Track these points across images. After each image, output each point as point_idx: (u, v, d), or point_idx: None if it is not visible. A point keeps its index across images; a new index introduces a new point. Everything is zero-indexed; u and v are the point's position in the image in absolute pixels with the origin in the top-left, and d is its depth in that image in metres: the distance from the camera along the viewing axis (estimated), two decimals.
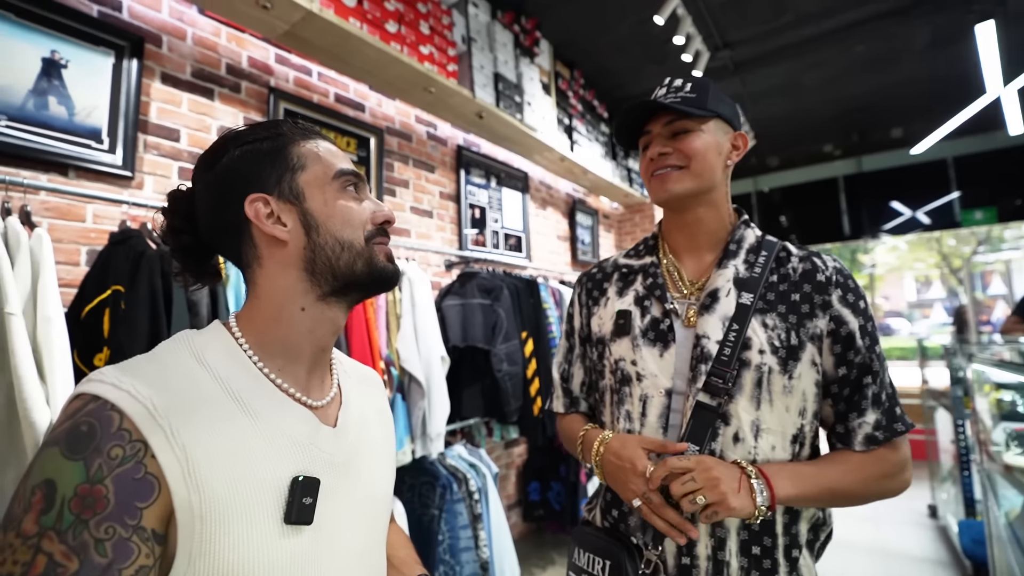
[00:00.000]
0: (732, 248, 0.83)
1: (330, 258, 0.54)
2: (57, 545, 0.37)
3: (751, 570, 0.73)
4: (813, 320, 0.76)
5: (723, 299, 0.78)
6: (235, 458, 0.46)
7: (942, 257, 19.14)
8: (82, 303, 1.25)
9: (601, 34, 3.21)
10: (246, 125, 0.58)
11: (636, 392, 0.80)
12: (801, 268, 0.80)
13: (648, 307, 0.83)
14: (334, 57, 1.98)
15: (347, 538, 0.54)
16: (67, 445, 0.40)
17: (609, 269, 0.94)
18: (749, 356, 0.74)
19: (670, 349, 0.79)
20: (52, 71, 1.40)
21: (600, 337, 0.88)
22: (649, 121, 0.84)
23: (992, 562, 1.83)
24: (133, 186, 1.55)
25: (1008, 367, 1.92)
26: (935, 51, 3.58)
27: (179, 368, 0.48)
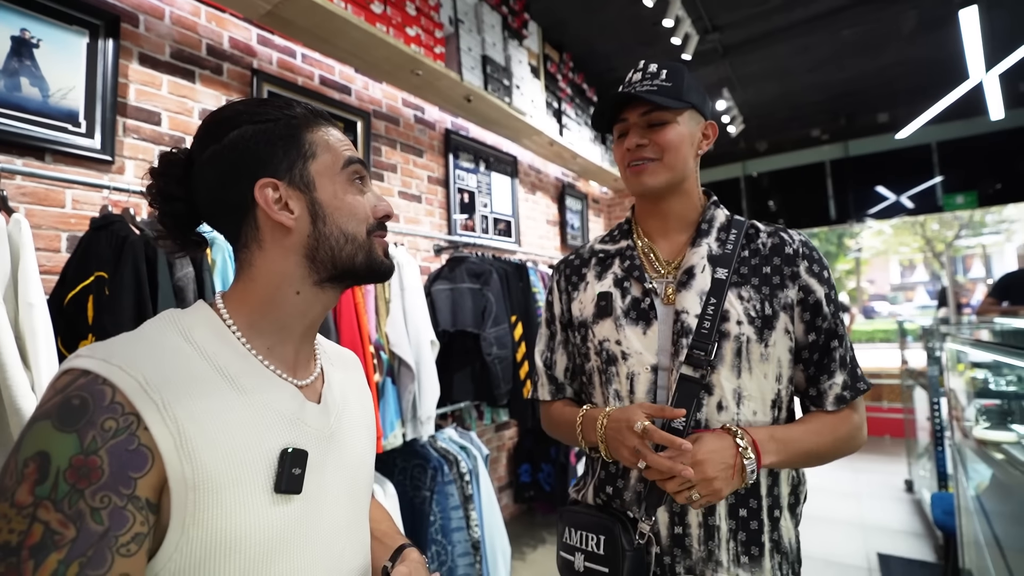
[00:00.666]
0: (704, 228, 0.86)
1: (333, 248, 0.55)
2: (53, 514, 0.38)
3: (739, 531, 0.77)
4: (784, 290, 0.81)
5: (699, 275, 0.81)
6: (226, 430, 0.47)
7: (925, 241, 19.47)
8: (64, 290, 1.23)
9: (590, 16, 3.18)
10: (256, 99, 0.58)
11: (623, 370, 0.82)
12: (770, 243, 0.84)
13: (628, 288, 0.86)
14: (318, 38, 1.94)
15: (334, 508, 0.56)
16: (59, 418, 0.41)
17: (586, 255, 0.96)
18: (728, 327, 0.78)
19: (652, 327, 0.81)
20: (23, 50, 1.36)
21: (582, 321, 0.90)
22: (625, 109, 0.84)
23: (960, 532, 1.91)
24: (113, 171, 1.53)
25: (981, 346, 1.98)
26: (920, 36, 3.60)
27: (167, 345, 0.48)
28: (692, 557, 0.76)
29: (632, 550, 0.75)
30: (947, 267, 10.41)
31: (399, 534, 0.70)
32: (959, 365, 2.36)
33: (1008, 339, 2.08)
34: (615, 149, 0.88)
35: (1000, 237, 17.16)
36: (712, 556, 0.76)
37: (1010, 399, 1.97)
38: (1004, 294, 3.22)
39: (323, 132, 0.57)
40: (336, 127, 0.60)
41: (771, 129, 5.60)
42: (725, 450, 0.71)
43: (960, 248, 11.14)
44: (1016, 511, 1.59)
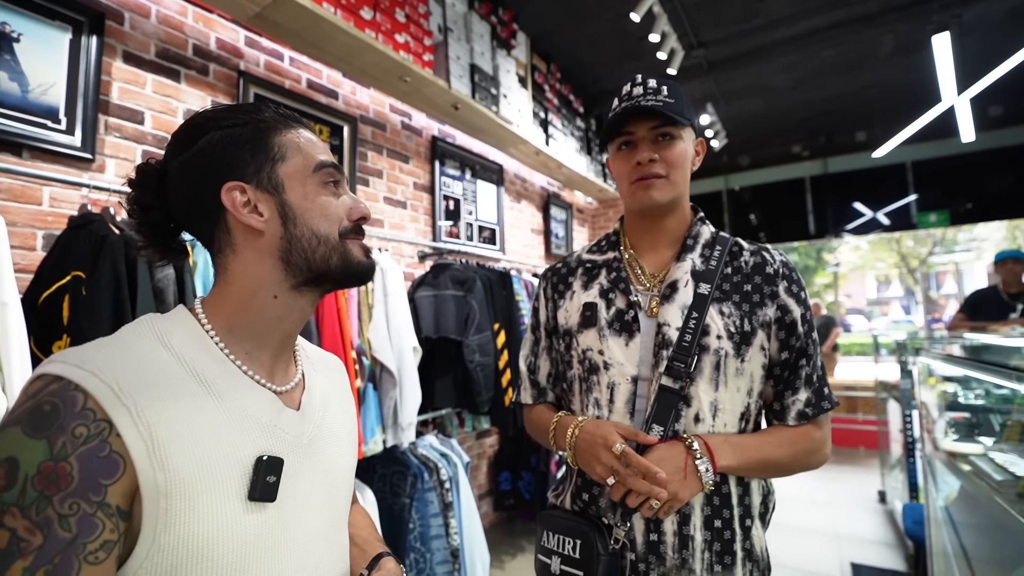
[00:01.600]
0: (689, 243, 0.88)
1: (306, 250, 0.55)
2: (20, 520, 0.38)
3: (714, 542, 0.78)
4: (763, 308, 0.83)
5: (682, 289, 0.83)
6: (200, 437, 0.46)
7: (901, 257, 20.02)
8: (39, 289, 1.21)
9: (578, 28, 3.23)
10: (225, 105, 0.57)
11: (604, 380, 0.84)
12: (752, 261, 0.86)
13: (613, 299, 0.87)
14: (307, 42, 1.94)
15: (310, 516, 0.55)
16: (29, 424, 0.40)
17: (573, 264, 0.98)
18: (708, 342, 0.80)
19: (635, 339, 0.83)
20: (2, 44, 1.33)
21: (567, 329, 0.91)
22: (631, 122, 0.84)
23: (929, 541, 1.96)
24: (94, 169, 1.50)
25: (951, 360, 2.04)
26: (897, 59, 3.72)
27: (143, 350, 0.48)
28: (666, 564, 0.78)
29: (607, 555, 0.77)
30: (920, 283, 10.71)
31: (379, 541, 0.70)
32: (930, 379, 2.43)
33: (976, 354, 2.15)
34: (617, 162, 0.88)
35: (971, 255, 17.74)
36: (686, 564, 0.77)
37: (978, 412, 2.03)
38: (973, 310, 3.33)
39: (293, 134, 0.57)
40: (308, 128, 0.60)
41: (753, 144, 5.73)
42: (675, 456, 0.74)
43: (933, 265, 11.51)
44: (982, 522, 1.64)
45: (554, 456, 2.83)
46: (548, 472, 2.81)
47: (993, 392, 2.01)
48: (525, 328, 2.51)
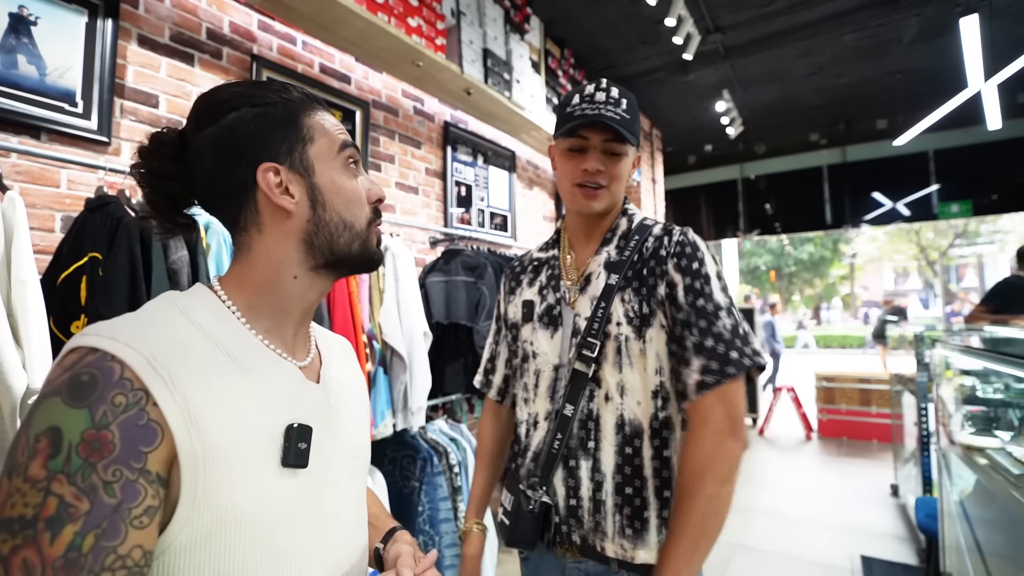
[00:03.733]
0: (608, 236, 0.95)
1: (332, 235, 0.56)
2: (67, 487, 0.38)
3: (624, 506, 0.84)
4: (657, 289, 0.87)
5: (594, 281, 0.91)
6: (232, 406, 0.47)
7: (920, 249, 19.58)
8: (58, 270, 1.23)
9: (593, 12, 3.17)
10: (252, 82, 0.58)
11: (532, 367, 0.95)
12: (652, 246, 0.90)
13: (546, 295, 0.97)
14: (319, 26, 1.93)
15: (338, 484, 0.57)
16: (69, 394, 0.41)
17: (526, 262, 1.08)
18: (610, 328, 0.87)
19: (559, 331, 0.93)
20: (20, 27, 1.35)
21: (514, 322, 1.02)
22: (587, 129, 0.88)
23: (942, 536, 1.94)
24: (110, 152, 1.52)
25: (969, 352, 2.00)
26: (921, 44, 3.61)
27: (170, 324, 0.48)
28: (584, 527, 0.86)
29: (527, 511, 0.88)
30: (940, 275, 10.47)
31: (389, 517, 0.71)
32: (947, 371, 2.38)
33: (995, 346, 2.11)
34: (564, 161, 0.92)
35: (994, 247, 17.29)
36: (599, 527, 0.85)
37: (996, 406, 1.99)
38: (995, 302, 3.25)
39: (319, 116, 0.58)
40: (329, 112, 0.60)
41: (770, 132, 5.62)
42: None
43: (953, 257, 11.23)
44: (998, 517, 1.61)
45: None
46: None
47: (1013, 386, 1.97)
48: None
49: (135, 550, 0.40)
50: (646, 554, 0.82)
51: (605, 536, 0.84)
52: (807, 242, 21.82)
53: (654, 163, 4.84)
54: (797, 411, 5.35)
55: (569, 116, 0.89)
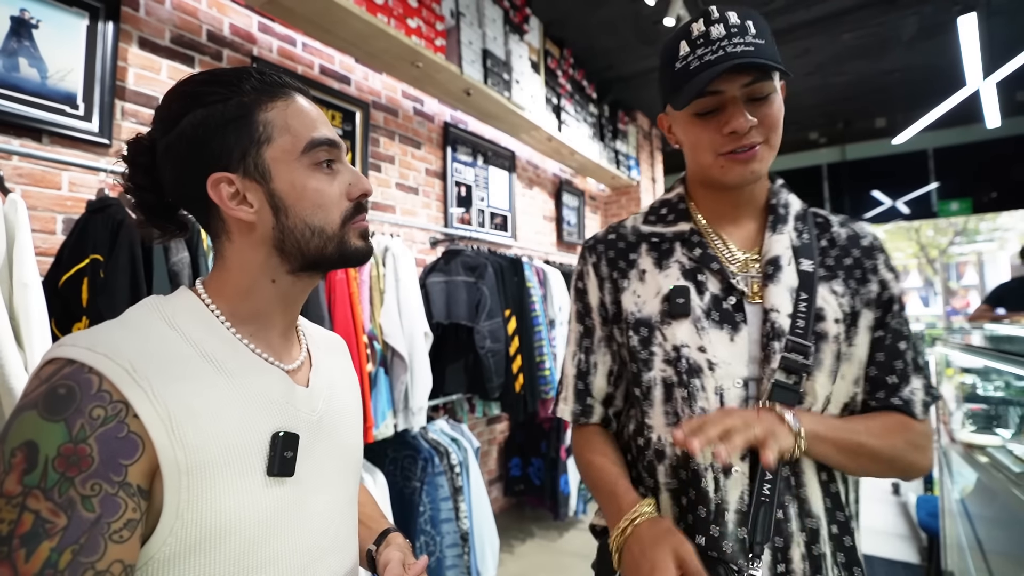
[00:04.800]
0: (781, 212, 0.74)
1: (299, 241, 0.52)
2: (43, 503, 0.38)
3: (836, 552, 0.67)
4: (867, 285, 0.72)
5: (785, 268, 0.70)
6: (216, 415, 0.47)
7: (920, 247, 19.56)
8: (59, 272, 1.23)
9: (592, 13, 3.17)
10: (206, 74, 0.53)
11: (710, 384, 0.67)
12: (845, 233, 0.75)
13: (703, 282, 0.72)
14: (319, 27, 1.94)
15: (326, 491, 0.56)
16: (45, 407, 0.40)
17: (632, 236, 0.80)
18: (826, 328, 0.67)
19: (740, 331, 0.69)
20: (22, 31, 1.35)
21: (642, 319, 0.73)
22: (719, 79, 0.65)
23: (943, 533, 1.94)
24: (111, 154, 1.52)
25: (970, 351, 2.00)
26: (920, 42, 3.61)
27: (151, 331, 0.47)
28: None
29: None
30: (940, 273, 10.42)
31: (383, 518, 0.70)
32: (948, 370, 2.39)
33: (996, 344, 2.11)
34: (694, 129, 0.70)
35: (994, 244, 17.26)
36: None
37: (997, 404, 2.00)
38: (999, 303, 3.25)
39: (281, 107, 0.52)
40: (301, 93, 0.55)
41: None
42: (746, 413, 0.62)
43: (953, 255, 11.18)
44: (998, 514, 1.61)
45: (564, 443, 2.84)
46: (558, 458, 2.83)
47: (1013, 384, 1.97)
48: (536, 315, 2.54)
49: (115, 565, 0.40)
50: None
51: None
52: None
53: (654, 162, 4.84)
54: None
55: (684, 72, 0.66)
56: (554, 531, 2.91)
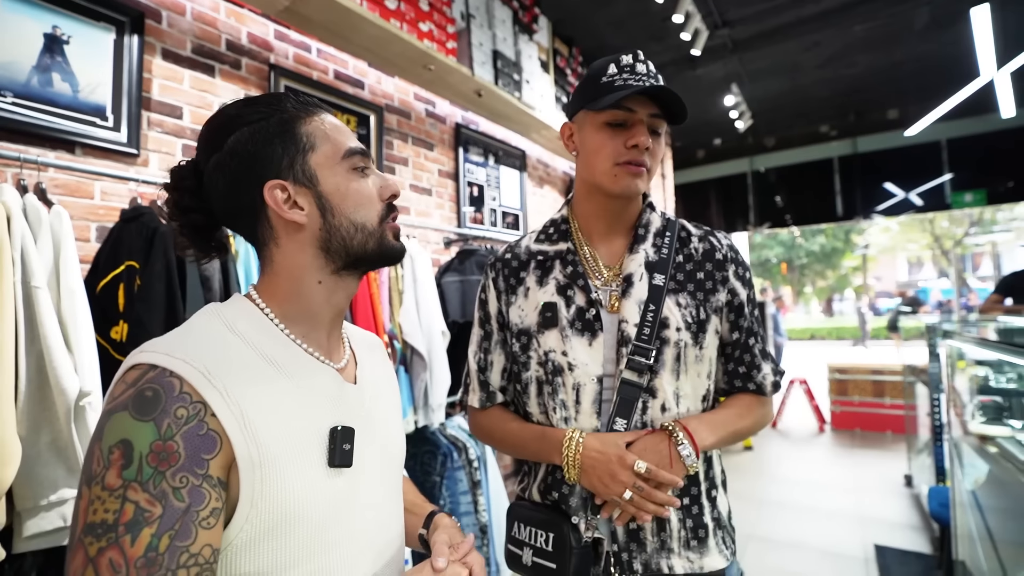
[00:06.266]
0: (640, 233, 0.87)
1: (344, 239, 0.57)
2: (141, 494, 0.42)
3: (686, 518, 0.81)
4: (716, 295, 0.85)
5: (637, 283, 0.83)
6: (281, 412, 0.51)
7: (934, 238, 19.28)
8: (96, 278, 1.29)
9: (600, 11, 3.19)
10: (246, 99, 0.58)
11: (569, 381, 0.82)
12: (702, 248, 0.88)
13: (572, 296, 0.85)
14: (334, 34, 1.98)
15: (377, 480, 0.61)
16: (136, 409, 0.45)
17: (523, 256, 0.93)
18: (668, 334, 0.81)
19: (598, 337, 0.82)
20: (55, 47, 1.41)
21: (523, 329, 0.87)
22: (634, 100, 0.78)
23: (954, 523, 1.96)
24: (139, 163, 1.58)
25: (982, 344, 2.01)
26: (932, 33, 3.58)
27: (216, 337, 0.52)
28: (647, 550, 0.80)
29: (579, 548, 0.78)
30: (955, 264, 10.33)
31: (425, 502, 0.76)
32: (960, 362, 2.39)
33: (1008, 337, 2.11)
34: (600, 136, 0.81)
35: (1011, 235, 16.98)
36: (665, 545, 0.80)
37: (1009, 396, 2.01)
38: (1009, 292, 3.23)
39: (318, 122, 0.58)
40: (329, 112, 0.61)
41: (779, 124, 5.59)
42: (659, 444, 0.77)
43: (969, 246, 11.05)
44: (1009, 505, 1.63)
45: None
46: None
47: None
48: None
49: (205, 548, 0.44)
50: (712, 560, 0.81)
51: (672, 553, 0.79)
52: (818, 233, 21.60)
53: (663, 158, 4.84)
54: (810, 403, 5.35)
55: (609, 87, 0.78)
56: None
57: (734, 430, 0.84)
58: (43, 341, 0.96)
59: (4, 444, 0.90)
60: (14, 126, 1.32)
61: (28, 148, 1.35)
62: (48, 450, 0.99)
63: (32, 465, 0.98)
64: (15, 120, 1.31)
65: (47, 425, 0.99)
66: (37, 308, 0.97)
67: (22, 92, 1.34)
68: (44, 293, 0.98)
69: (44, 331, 0.96)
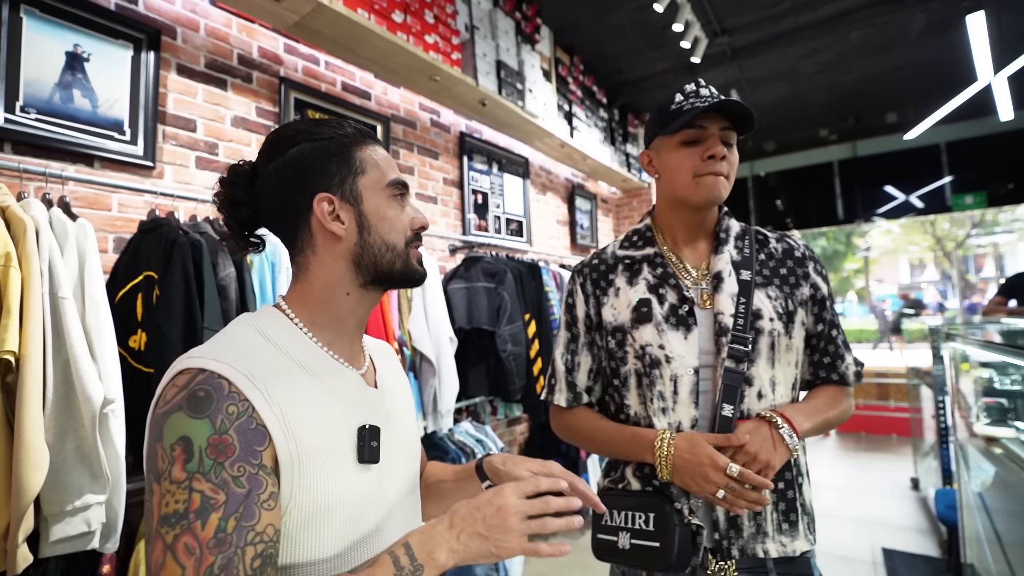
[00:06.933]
0: (722, 236, 0.95)
1: (376, 256, 0.63)
2: (205, 484, 0.47)
3: (779, 502, 0.87)
4: (800, 288, 0.92)
5: (726, 279, 0.90)
6: (315, 412, 0.55)
7: (936, 240, 19.30)
8: (115, 288, 1.32)
9: (601, 20, 3.24)
10: (314, 119, 0.66)
11: (667, 373, 0.87)
12: (781, 247, 0.96)
13: (664, 295, 0.92)
14: (342, 47, 2.02)
15: (399, 476, 0.66)
16: (191, 408, 0.49)
17: (610, 260, 1.00)
18: (762, 324, 0.87)
19: (692, 331, 0.88)
20: (76, 64, 1.45)
21: (617, 326, 0.93)
22: (705, 118, 0.87)
23: (961, 525, 1.97)
24: (154, 176, 1.62)
25: (986, 346, 2.03)
26: (929, 38, 3.63)
27: (252, 344, 0.57)
28: (744, 535, 0.84)
29: (682, 525, 0.81)
30: (957, 266, 10.34)
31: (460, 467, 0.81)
32: (964, 364, 2.41)
33: (1012, 339, 2.13)
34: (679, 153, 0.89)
35: (1013, 236, 16.97)
36: (760, 529, 0.84)
37: (1014, 397, 2.02)
38: (1012, 294, 3.25)
39: (371, 151, 0.65)
40: (382, 145, 0.68)
41: (779, 129, 5.63)
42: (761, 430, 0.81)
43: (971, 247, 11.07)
44: (1016, 507, 1.64)
45: None
46: (578, 458, 2.89)
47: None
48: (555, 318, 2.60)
49: (268, 528, 0.49)
50: (800, 544, 0.85)
51: (766, 537, 0.83)
52: (820, 236, 21.62)
53: None
54: None
55: (679, 112, 0.87)
56: (576, 529, 2.97)
57: (825, 418, 0.88)
58: (69, 350, 0.99)
59: (33, 450, 0.93)
60: (38, 141, 1.36)
61: (50, 163, 1.39)
62: (73, 456, 1.02)
63: (58, 471, 1.00)
64: (39, 135, 1.36)
65: (72, 432, 1.01)
66: (64, 318, 1.00)
67: (45, 108, 1.38)
68: (70, 303, 1.01)
69: (70, 340, 0.99)
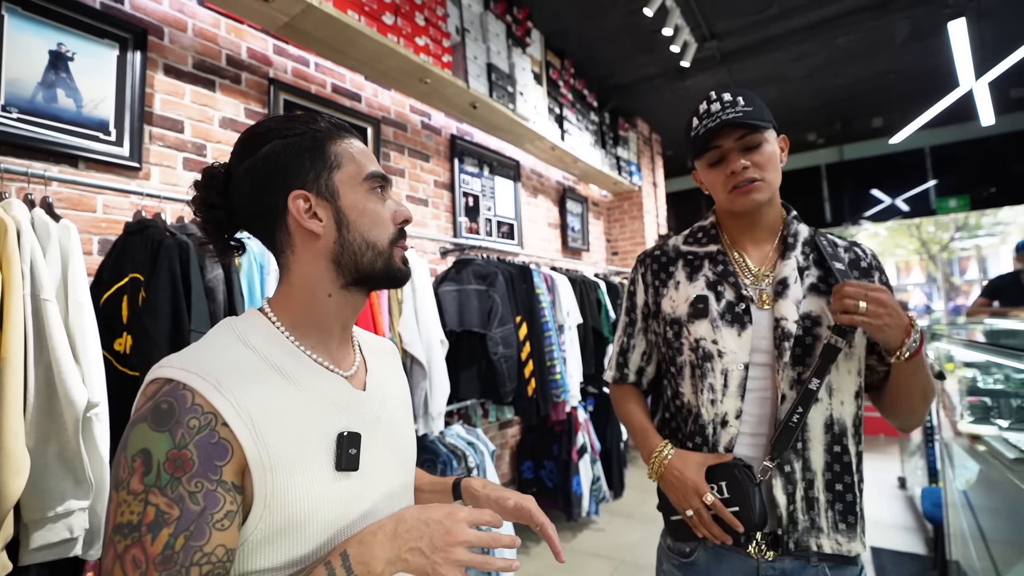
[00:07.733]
0: (790, 241, 0.95)
1: (356, 254, 0.60)
2: (160, 498, 0.46)
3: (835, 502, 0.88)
4: None
5: (792, 286, 0.90)
6: (290, 419, 0.54)
7: (921, 243, 19.57)
8: (100, 290, 1.30)
9: (591, 24, 3.26)
10: (285, 116, 0.63)
11: (718, 367, 0.90)
12: (847, 257, 0.95)
13: (722, 292, 0.94)
14: (332, 48, 2.02)
15: (385, 482, 0.64)
16: (153, 421, 0.48)
17: (672, 253, 1.03)
18: (819, 331, 0.88)
19: (747, 329, 0.90)
20: (59, 64, 1.43)
21: (675, 318, 0.97)
22: (717, 137, 0.91)
23: (947, 523, 1.99)
24: (140, 177, 1.60)
25: (970, 346, 2.06)
26: (913, 44, 3.69)
27: (229, 350, 0.55)
28: (799, 528, 0.86)
29: (757, 484, 0.84)
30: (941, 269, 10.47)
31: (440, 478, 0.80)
32: (949, 364, 2.45)
33: (995, 339, 2.17)
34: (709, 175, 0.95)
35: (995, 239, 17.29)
36: (814, 524, 0.86)
37: (997, 396, 2.05)
38: (995, 295, 3.31)
39: (347, 144, 0.62)
40: (359, 138, 0.64)
41: None
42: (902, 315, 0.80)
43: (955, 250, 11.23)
44: (998, 504, 1.67)
45: (575, 445, 2.90)
46: (570, 460, 2.89)
47: (1013, 376, 2.03)
48: (546, 321, 2.61)
49: (218, 548, 0.47)
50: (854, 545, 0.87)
51: (821, 532, 0.86)
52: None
53: (655, 167, 4.92)
54: None
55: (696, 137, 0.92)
56: (568, 532, 2.96)
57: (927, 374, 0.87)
58: (52, 353, 0.97)
59: (13, 456, 0.91)
60: (20, 141, 1.34)
61: (33, 163, 1.37)
62: (56, 461, 1.00)
63: (40, 477, 0.98)
64: (21, 135, 1.33)
65: (55, 437, 0.99)
66: (46, 320, 0.98)
67: (27, 108, 1.36)
68: (53, 305, 0.99)
69: (53, 343, 0.97)
